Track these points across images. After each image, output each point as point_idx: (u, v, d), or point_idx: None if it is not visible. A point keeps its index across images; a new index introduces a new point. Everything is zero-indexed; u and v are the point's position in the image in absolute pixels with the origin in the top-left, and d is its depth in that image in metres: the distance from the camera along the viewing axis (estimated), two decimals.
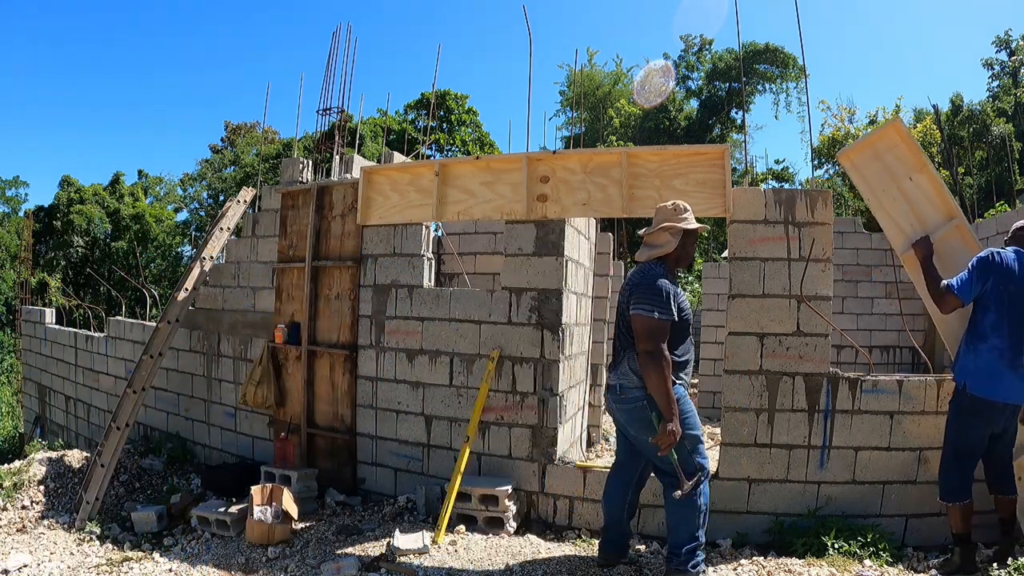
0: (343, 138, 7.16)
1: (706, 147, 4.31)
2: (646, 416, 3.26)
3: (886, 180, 3.96)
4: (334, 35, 6.85)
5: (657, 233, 3.43)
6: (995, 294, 3.37)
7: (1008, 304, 3.34)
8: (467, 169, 4.82)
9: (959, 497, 3.48)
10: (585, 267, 5.74)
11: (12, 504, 5.48)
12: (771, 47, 23.14)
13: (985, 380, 3.36)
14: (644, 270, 3.38)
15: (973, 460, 3.53)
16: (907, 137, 4.01)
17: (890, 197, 3.97)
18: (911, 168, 3.96)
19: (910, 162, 3.97)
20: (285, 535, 4.32)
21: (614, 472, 3.71)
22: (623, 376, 3.36)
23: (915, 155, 3.98)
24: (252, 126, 34.07)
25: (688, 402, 3.37)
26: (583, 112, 22.72)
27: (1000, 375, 3.33)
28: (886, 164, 3.97)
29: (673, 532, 3.38)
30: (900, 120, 4.17)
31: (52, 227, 28.69)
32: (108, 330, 8.00)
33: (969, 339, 3.49)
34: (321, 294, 5.52)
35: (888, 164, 3.97)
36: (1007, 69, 20.73)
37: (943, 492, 3.55)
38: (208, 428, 6.49)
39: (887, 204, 3.97)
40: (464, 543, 4.02)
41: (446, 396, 4.91)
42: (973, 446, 3.49)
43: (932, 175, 3.96)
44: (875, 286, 9.03)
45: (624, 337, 3.39)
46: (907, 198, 3.95)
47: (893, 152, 3.97)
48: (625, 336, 3.38)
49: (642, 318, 3.22)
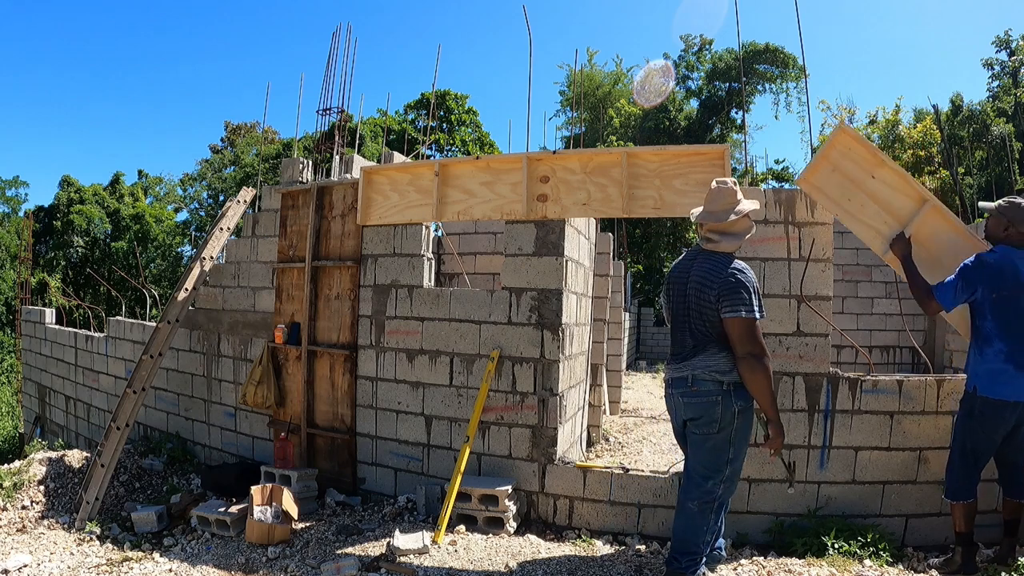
0: (343, 138, 7.16)
1: (706, 147, 4.31)
2: (715, 413, 3.17)
3: (849, 188, 3.93)
4: (334, 35, 6.86)
5: (740, 221, 3.26)
6: (987, 301, 3.35)
7: (1003, 308, 3.32)
8: (467, 169, 4.81)
9: (963, 496, 3.47)
10: (585, 267, 5.74)
11: (12, 504, 5.48)
12: (771, 47, 23.16)
13: (993, 381, 3.34)
14: (722, 263, 3.20)
15: (980, 461, 3.50)
16: (858, 138, 3.99)
17: (858, 204, 3.92)
18: (870, 167, 3.92)
19: (868, 161, 3.92)
20: (285, 535, 4.32)
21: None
22: (697, 368, 3.20)
23: (871, 153, 3.94)
24: (252, 126, 34.10)
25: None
26: (583, 112, 22.73)
27: (1007, 375, 3.31)
28: (845, 172, 3.93)
29: (677, 535, 3.32)
30: (846, 123, 4.14)
31: (52, 227, 28.72)
32: (108, 330, 8.01)
33: (975, 343, 3.46)
34: (321, 294, 5.52)
35: (847, 171, 3.93)
36: (1007, 69, 20.74)
37: (948, 491, 3.54)
38: (208, 428, 6.49)
39: (857, 211, 3.92)
40: (464, 543, 4.02)
41: (446, 396, 4.91)
42: (981, 447, 3.46)
43: (892, 167, 3.92)
44: (875, 286, 9.04)
45: (699, 331, 3.22)
46: (875, 199, 3.90)
47: (849, 157, 3.93)
48: (701, 329, 3.21)
49: (740, 321, 3.09)
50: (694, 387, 3.22)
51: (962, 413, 3.54)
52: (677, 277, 3.36)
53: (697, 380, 3.21)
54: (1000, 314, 3.31)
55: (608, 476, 4.40)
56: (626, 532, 4.33)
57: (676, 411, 3.37)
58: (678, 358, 3.32)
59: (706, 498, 3.25)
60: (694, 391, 3.22)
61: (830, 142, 3.94)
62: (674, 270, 3.42)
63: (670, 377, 3.37)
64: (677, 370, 3.31)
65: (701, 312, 3.21)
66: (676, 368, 3.32)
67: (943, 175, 14.35)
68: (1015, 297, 3.31)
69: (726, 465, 3.23)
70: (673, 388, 3.33)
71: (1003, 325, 3.31)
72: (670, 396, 3.38)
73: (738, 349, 3.12)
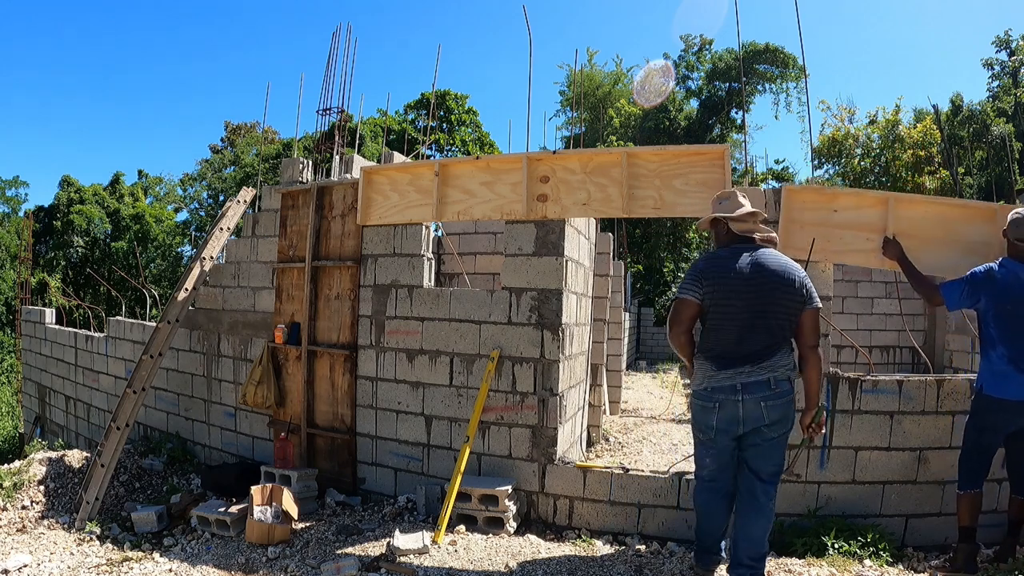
0: (343, 138, 7.16)
1: (706, 147, 4.32)
2: (792, 411, 3.15)
3: (823, 232, 4.06)
4: (334, 35, 6.86)
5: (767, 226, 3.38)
6: (991, 311, 3.50)
7: (1006, 318, 3.47)
8: (467, 169, 4.82)
9: (971, 486, 3.57)
10: (585, 267, 5.74)
11: (12, 504, 5.48)
12: (771, 47, 23.16)
13: (997, 382, 3.48)
14: (785, 259, 3.22)
15: (988, 454, 3.61)
16: (802, 188, 4.24)
17: (837, 239, 4.07)
18: (827, 204, 4.11)
19: (822, 201, 4.13)
20: (285, 535, 4.32)
21: (715, 488, 3.32)
22: (776, 369, 3.08)
23: (819, 192, 4.18)
24: (252, 126, 34.11)
25: None
26: (583, 112, 22.73)
27: (1010, 377, 3.44)
28: (810, 222, 4.08)
29: (759, 541, 3.18)
30: (790, 184, 4.38)
31: (52, 227, 28.72)
32: (108, 330, 8.01)
33: (982, 346, 3.61)
34: (321, 294, 5.52)
35: (811, 220, 4.08)
36: (1007, 69, 20.75)
37: (959, 482, 3.64)
38: (208, 428, 6.49)
39: (840, 246, 4.08)
40: (464, 543, 4.02)
41: (446, 396, 4.91)
42: (989, 442, 3.59)
43: (844, 192, 4.14)
44: (875, 286, 9.04)
45: (779, 328, 3.11)
46: (848, 227, 4.08)
47: (805, 208, 4.11)
48: (783, 326, 3.11)
49: (817, 311, 3.15)
50: (776, 388, 3.08)
51: (971, 412, 3.67)
52: (741, 274, 3.11)
53: (778, 381, 3.09)
54: (1002, 324, 3.47)
55: (608, 476, 4.40)
56: (626, 532, 4.33)
57: (747, 418, 3.11)
58: (749, 360, 3.10)
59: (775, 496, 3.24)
60: (776, 392, 3.08)
61: (783, 207, 4.12)
62: (728, 268, 3.15)
63: (741, 382, 3.10)
64: (751, 374, 3.09)
65: (787, 307, 3.09)
66: (748, 372, 3.09)
67: (943, 175, 14.36)
68: (1017, 310, 3.46)
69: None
70: (748, 393, 3.08)
71: (1005, 333, 3.46)
72: (737, 403, 3.10)
73: (811, 339, 3.13)
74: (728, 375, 3.12)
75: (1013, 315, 3.44)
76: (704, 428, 3.25)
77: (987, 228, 3.92)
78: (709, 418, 3.19)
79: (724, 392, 3.12)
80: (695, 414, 3.32)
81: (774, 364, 3.09)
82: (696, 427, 3.34)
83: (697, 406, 3.28)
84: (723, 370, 3.14)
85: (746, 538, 3.19)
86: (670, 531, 4.25)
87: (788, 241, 4.02)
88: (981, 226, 3.96)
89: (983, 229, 3.94)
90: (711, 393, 3.17)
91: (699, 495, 3.40)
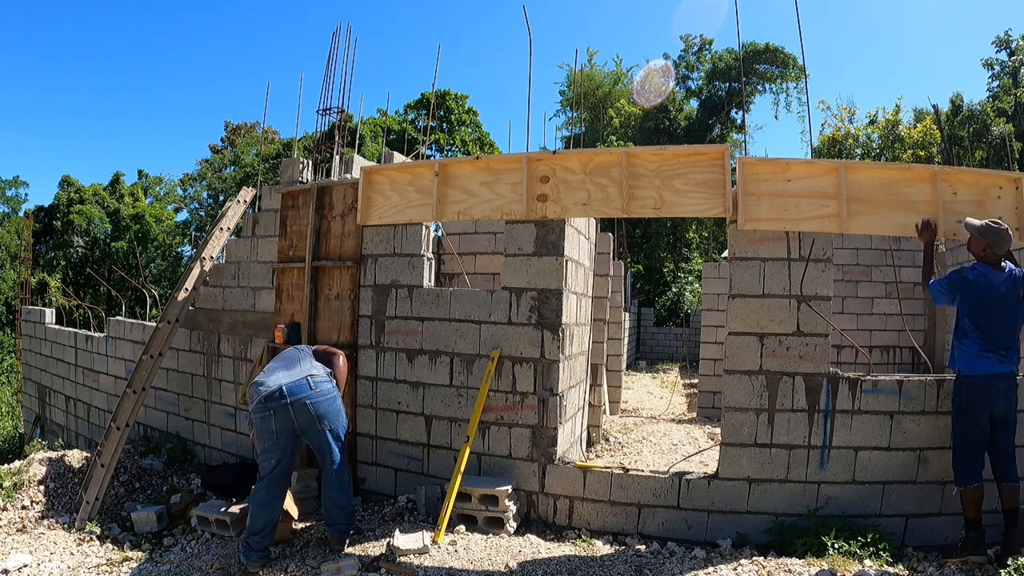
0: (343, 138, 7.16)
1: (706, 147, 4.31)
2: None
3: (779, 203, 4.07)
4: (334, 35, 6.86)
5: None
6: (965, 308, 3.81)
7: (979, 315, 3.75)
8: (467, 169, 4.81)
9: (968, 481, 3.68)
10: (585, 267, 5.74)
11: (12, 504, 5.48)
12: (771, 47, 23.17)
13: (973, 361, 3.77)
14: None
15: (979, 445, 3.74)
16: (756, 159, 4.22)
17: (794, 208, 4.06)
18: (781, 174, 4.10)
19: (775, 171, 4.11)
20: (285, 535, 4.32)
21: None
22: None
23: (772, 163, 4.14)
24: (252, 126, 34.12)
25: None
26: (583, 112, 22.72)
27: (982, 357, 3.75)
28: (766, 192, 4.08)
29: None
30: (745, 156, 4.47)
31: (52, 227, 28.73)
32: (108, 330, 8.01)
33: (956, 335, 3.89)
34: (321, 294, 5.52)
35: (767, 190, 4.08)
36: (1007, 69, 20.73)
37: (956, 479, 3.75)
38: (208, 428, 6.49)
39: (798, 215, 4.07)
40: (464, 543, 4.02)
41: (446, 396, 4.91)
42: (977, 430, 3.73)
43: (796, 162, 4.12)
44: (875, 286, 9.03)
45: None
46: (804, 195, 4.07)
47: (760, 179, 4.10)
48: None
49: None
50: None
51: (955, 401, 3.85)
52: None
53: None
54: (975, 318, 3.78)
55: (608, 476, 4.40)
56: (626, 532, 4.34)
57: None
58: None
59: None
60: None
61: (739, 179, 4.13)
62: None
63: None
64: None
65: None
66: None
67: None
68: (988, 309, 3.77)
69: None
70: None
71: (978, 326, 3.77)
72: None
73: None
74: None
75: (984, 311, 3.76)
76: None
77: (927, 188, 4.08)
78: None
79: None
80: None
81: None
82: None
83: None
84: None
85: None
86: (670, 531, 4.26)
87: (748, 214, 4.06)
88: (922, 186, 4.10)
89: (924, 189, 4.09)
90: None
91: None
